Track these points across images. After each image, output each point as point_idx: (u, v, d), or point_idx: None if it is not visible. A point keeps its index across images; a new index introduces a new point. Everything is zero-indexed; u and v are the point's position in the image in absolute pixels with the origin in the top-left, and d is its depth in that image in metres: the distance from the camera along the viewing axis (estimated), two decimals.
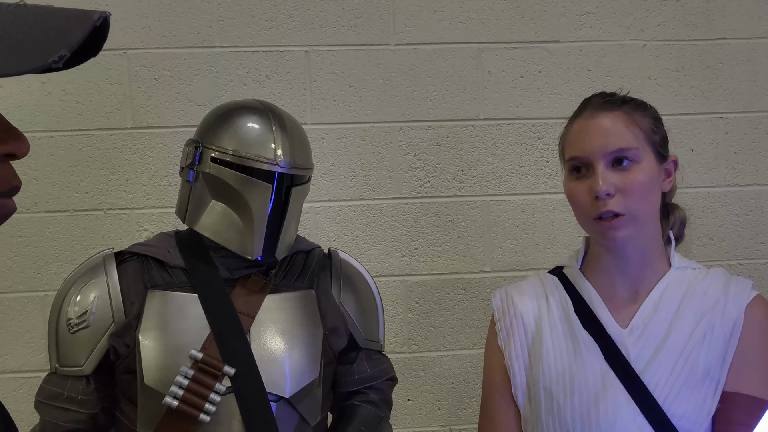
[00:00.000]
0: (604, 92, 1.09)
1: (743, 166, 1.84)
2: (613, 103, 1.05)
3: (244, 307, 1.17)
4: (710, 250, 1.83)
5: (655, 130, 1.06)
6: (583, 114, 1.06)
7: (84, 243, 1.71)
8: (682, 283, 1.05)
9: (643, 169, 1.01)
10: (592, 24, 1.82)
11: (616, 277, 1.07)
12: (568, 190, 1.06)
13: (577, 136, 1.05)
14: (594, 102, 1.07)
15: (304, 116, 1.74)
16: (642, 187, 1.00)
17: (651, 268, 1.06)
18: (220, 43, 1.74)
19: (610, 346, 1.02)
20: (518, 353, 1.09)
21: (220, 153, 1.17)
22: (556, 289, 1.11)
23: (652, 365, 1.00)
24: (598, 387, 1.00)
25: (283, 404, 1.14)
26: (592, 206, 1.01)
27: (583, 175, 1.03)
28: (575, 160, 1.04)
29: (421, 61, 1.79)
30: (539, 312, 1.10)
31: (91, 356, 1.16)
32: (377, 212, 1.78)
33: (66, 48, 0.51)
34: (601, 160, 1.01)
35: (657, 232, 1.07)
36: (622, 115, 1.03)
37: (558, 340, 1.06)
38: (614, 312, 1.05)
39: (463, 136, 1.79)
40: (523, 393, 1.07)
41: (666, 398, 0.97)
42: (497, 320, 1.13)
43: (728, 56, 1.84)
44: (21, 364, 1.71)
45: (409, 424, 1.78)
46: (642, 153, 1.02)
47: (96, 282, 1.19)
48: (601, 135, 1.02)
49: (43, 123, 1.71)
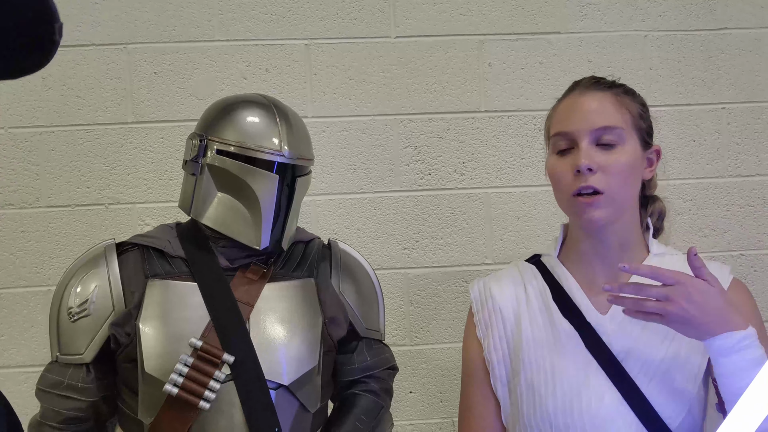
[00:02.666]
0: (595, 75, 1.10)
1: (745, 156, 1.83)
2: (603, 84, 1.06)
3: (244, 295, 1.17)
4: (712, 241, 1.82)
5: (643, 117, 1.06)
6: (572, 93, 1.07)
7: (86, 238, 1.71)
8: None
9: (627, 152, 1.01)
10: (593, 15, 1.81)
11: (595, 264, 1.06)
12: (550, 166, 1.06)
13: (564, 113, 1.05)
14: (584, 83, 1.07)
15: (305, 109, 1.74)
16: (624, 169, 1.00)
17: (629, 254, 1.06)
18: (220, 37, 1.75)
19: (590, 334, 1.01)
20: (497, 346, 1.08)
21: (225, 145, 1.18)
22: (534, 278, 1.10)
23: (634, 352, 0.99)
24: (580, 377, 0.99)
25: (282, 392, 1.14)
26: (573, 181, 1.00)
27: (567, 153, 1.03)
28: (560, 136, 1.04)
29: (422, 53, 1.78)
30: (518, 303, 1.09)
31: (92, 344, 1.16)
32: (378, 205, 1.78)
33: (57, 20, 0.51)
34: (586, 137, 1.00)
35: (636, 219, 1.07)
36: (611, 96, 1.04)
37: (538, 330, 1.05)
38: (593, 299, 1.05)
39: (464, 129, 1.79)
40: (503, 385, 1.07)
41: (648, 385, 0.97)
42: (475, 312, 1.13)
43: (730, 46, 1.83)
44: (25, 359, 1.71)
45: (412, 417, 1.78)
46: (627, 135, 1.02)
47: (97, 272, 1.19)
48: (589, 112, 1.02)
49: (43, 118, 1.71)
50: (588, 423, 0.96)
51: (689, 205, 1.82)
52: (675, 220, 1.82)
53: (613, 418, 0.96)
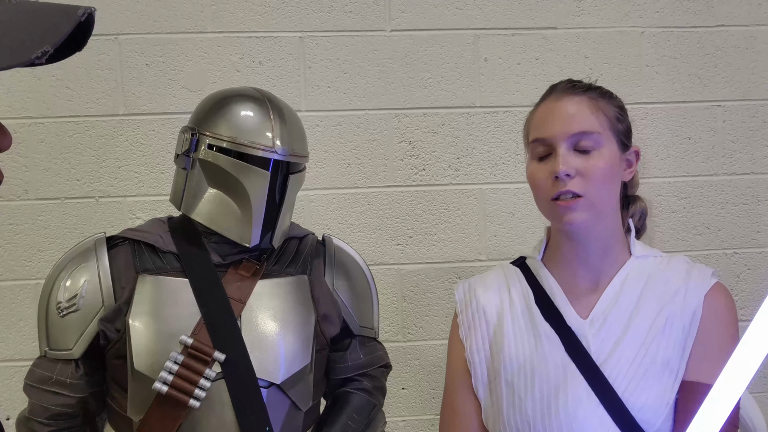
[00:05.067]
0: (571, 79, 1.10)
1: (740, 154, 1.83)
2: (579, 88, 1.05)
3: (236, 292, 1.16)
4: (706, 239, 1.82)
5: (620, 119, 1.06)
6: (548, 98, 1.07)
7: (76, 231, 1.69)
8: (642, 272, 1.05)
9: (604, 156, 1.01)
10: (589, 10, 1.80)
11: (576, 268, 1.06)
12: (530, 172, 1.06)
13: (542, 119, 1.05)
14: (560, 87, 1.07)
15: (298, 103, 1.72)
16: (602, 173, 1.00)
17: (611, 258, 1.06)
18: (212, 29, 1.73)
19: (570, 337, 1.02)
20: (479, 347, 1.09)
21: (217, 140, 1.17)
22: (518, 280, 1.11)
23: (613, 357, 1.00)
24: (559, 379, 1.00)
25: (274, 390, 1.13)
26: (551, 187, 1.01)
27: (545, 159, 1.03)
28: (538, 142, 1.04)
29: (417, 47, 1.77)
30: (501, 305, 1.10)
31: (80, 340, 1.15)
32: (372, 200, 1.77)
33: (49, 44, 0.52)
34: (563, 143, 1.01)
35: (617, 221, 1.07)
36: (587, 100, 1.03)
37: (519, 332, 1.06)
38: (575, 303, 1.05)
39: (458, 124, 1.78)
40: (484, 386, 1.07)
41: (626, 389, 0.98)
42: (459, 313, 1.14)
43: (727, 44, 1.83)
44: (13, 353, 1.69)
45: (404, 413, 1.77)
46: (604, 139, 1.02)
47: (86, 266, 1.18)
48: (565, 118, 1.02)
49: (33, 109, 1.69)
50: (565, 425, 0.97)
51: (683, 203, 1.82)
52: (669, 218, 1.82)
53: (590, 421, 0.97)
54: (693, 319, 1.00)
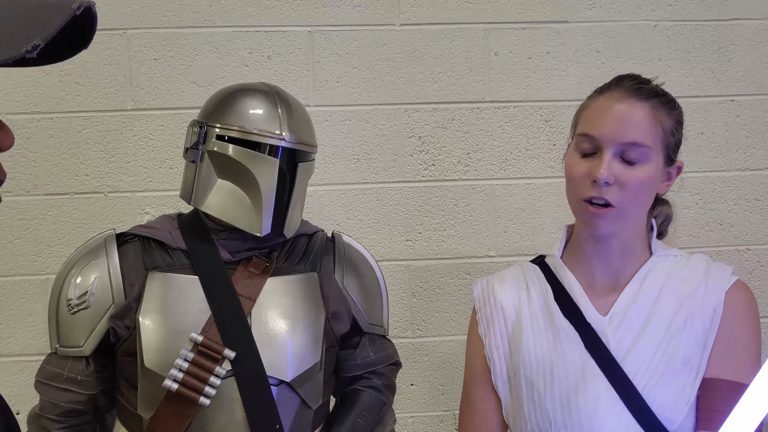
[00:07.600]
0: (640, 77, 1.04)
1: (754, 149, 1.81)
2: (645, 92, 1.00)
3: (245, 290, 1.15)
4: (719, 235, 1.80)
5: (674, 133, 1.02)
6: (610, 93, 1.01)
7: (85, 226, 1.69)
8: (662, 270, 1.04)
9: (648, 170, 0.99)
10: (601, 3, 1.78)
11: (597, 266, 1.05)
12: (569, 163, 1.03)
13: (596, 114, 1.01)
14: (626, 85, 1.01)
15: (307, 98, 1.71)
16: (641, 187, 0.98)
17: (632, 256, 1.05)
18: (221, 23, 1.71)
19: (590, 334, 1.01)
20: (498, 343, 1.09)
21: (226, 130, 1.17)
22: (537, 278, 1.11)
23: (632, 353, 0.99)
24: (578, 376, 1.00)
25: (284, 388, 1.13)
26: (587, 188, 0.99)
27: (589, 155, 1.00)
28: (586, 137, 1.01)
29: (427, 41, 1.75)
30: (519, 302, 1.09)
31: (91, 337, 1.15)
32: (381, 196, 1.76)
33: (41, 37, 0.49)
34: (611, 148, 0.97)
35: (642, 225, 1.06)
36: (649, 109, 0.99)
37: (538, 329, 1.06)
38: (594, 300, 1.05)
39: (468, 119, 1.76)
40: (504, 383, 1.07)
41: (645, 386, 0.97)
42: (478, 310, 1.14)
43: (741, 37, 1.80)
44: (22, 348, 1.70)
45: (413, 409, 1.77)
46: (653, 153, 0.99)
47: (96, 263, 1.18)
48: (621, 122, 0.98)
49: (41, 104, 1.68)
50: (585, 421, 0.97)
51: (696, 199, 1.80)
52: (682, 214, 1.79)
53: (610, 418, 0.97)
54: (714, 317, 0.99)
